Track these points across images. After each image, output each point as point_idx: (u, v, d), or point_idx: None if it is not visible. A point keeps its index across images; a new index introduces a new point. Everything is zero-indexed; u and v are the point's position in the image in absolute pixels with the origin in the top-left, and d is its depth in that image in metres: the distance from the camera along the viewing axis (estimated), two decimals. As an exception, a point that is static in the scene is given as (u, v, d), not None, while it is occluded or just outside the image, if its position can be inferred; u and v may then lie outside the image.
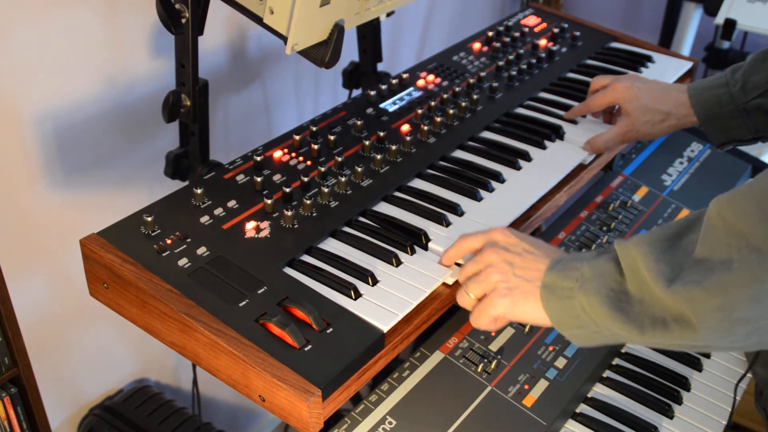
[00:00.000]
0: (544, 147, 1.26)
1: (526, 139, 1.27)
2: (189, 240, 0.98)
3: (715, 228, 0.75)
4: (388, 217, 1.07)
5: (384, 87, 1.37)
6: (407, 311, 0.93)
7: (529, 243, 0.93)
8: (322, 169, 1.12)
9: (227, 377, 0.88)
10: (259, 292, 0.92)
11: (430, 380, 1.04)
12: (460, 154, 1.24)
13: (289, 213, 1.02)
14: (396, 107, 1.32)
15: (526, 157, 1.23)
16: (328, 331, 0.88)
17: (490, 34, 1.59)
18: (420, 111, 1.28)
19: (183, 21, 1.13)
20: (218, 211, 1.04)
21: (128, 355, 1.72)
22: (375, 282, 0.96)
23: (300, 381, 0.81)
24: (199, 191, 1.05)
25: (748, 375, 1.17)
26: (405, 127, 1.26)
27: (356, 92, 1.67)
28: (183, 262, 0.95)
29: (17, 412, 1.13)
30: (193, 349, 0.90)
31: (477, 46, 1.55)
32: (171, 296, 0.90)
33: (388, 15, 1.45)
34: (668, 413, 1.11)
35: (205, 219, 1.02)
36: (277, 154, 1.17)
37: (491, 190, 1.15)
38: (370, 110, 1.31)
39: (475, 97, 1.34)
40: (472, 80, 1.40)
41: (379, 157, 1.16)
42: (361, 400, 1.01)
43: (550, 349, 1.13)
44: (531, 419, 1.03)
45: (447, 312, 1.01)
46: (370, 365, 0.89)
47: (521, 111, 1.37)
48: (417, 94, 1.37)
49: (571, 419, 1.08)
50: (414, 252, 1.01)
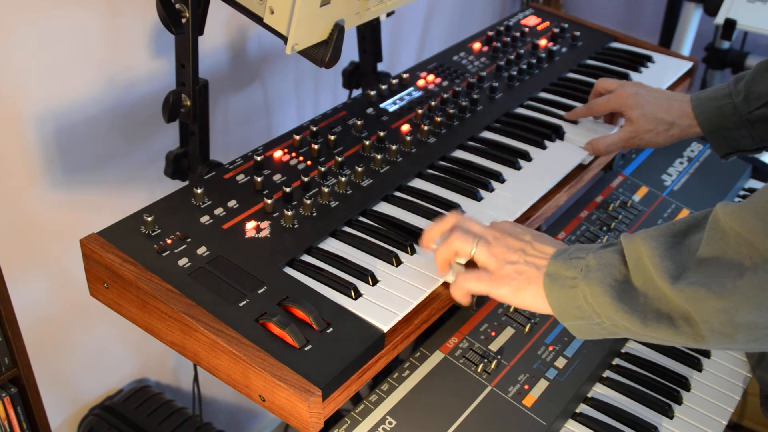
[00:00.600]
0: (544, 147, 1.26)
1: (526, 139, 1.27)
2: (189, 240, 0.98)
3: (725, 232, 0.75)
4: (388, 217, 1.07)
5: (384, 87, 1.37)
6: (407, 311, 0.93)
7: (534, 234, 0.94)
8: (322, 169, 1.12)
9: (227, 377, 0.88)
10: (259, 292, 0.92)
11: (430, 380, 1.04)
12: (460, 154, 1.24)
13: (289, 213, 1.02)
14: (396, 107, 1.32)
15: (527, 157, 1.23)
16: (328, 331, 0.88)
17: (490, 34, 1.59)
18: (420, 111, 1.28)
19: (183, 21, 1.13)
20: (218, 211, 1.04)
21: (128, 355, 1.72)
22: (375, 282, 0.96)
23: (300, 381, 0.82)
24: (199, 191, 1.05)
25: (749, 375, 1.17)
26: (405, 127, 1.26)
27: (356, 92, 1.67)
28: (183, 262, 0.95)
29: (17, 412, 1.13)
30: (194, 349, 0.90)
31: (477, 46, 1.55)
32: (171, 296, 0.90)
33: (388, 15, 1.45)
34: (668, 413, 1.11)
35: (205, 219, 1.02)
36: (278, 154, 1.17)
37: (491, 190, 1.15)
38: (370, 110, 1.31)
39: (475, 97, 1.34)
40: (472, 80, 1.40)
41: (379, 157, 1.16)
42: (361, 400, 1.01)
43: (550, 349, 1.13)
44: (531, 419, 1.03)
45: (447, 312, 1.01)
46: (370, 365, 0.89)
47: (521, 111, 1.37)
48: (417, 94, 1.37)
49: (571, 419, 1.08)
50: (414, 252, 1.01)
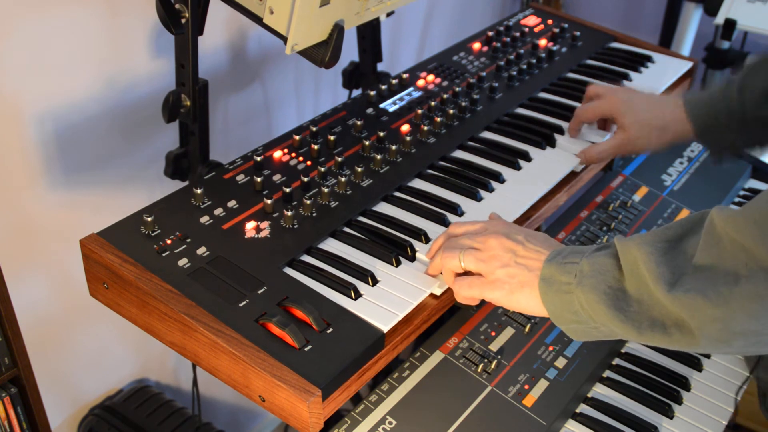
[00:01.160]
0: (544, 147, 1.26)
1: (526, 139, 1.27)
2: (189, 240, 0.98)
3: (721, 239, 0.74)
4: (388, 217, 1.07)
5: (384, 87, 1.37)
6: (407, 311, 0.93)
7: (527, 233, 0.94)
8: (322, 169, 1.12)
9: (227, 377, 0.88)
10: (259, 292, 0.92)
11: (430, 380, 1.04)
12: (460, 154, 1.24)
13: (289, 213, 1.02)
14: (396, 107, 1.32)
15: (526, 157, 1.23)
16: (328, 331, 0.88)
17: (490, 34, 1.59)
18: (420, 111, 1.28)
19: (183, 21, 1.13)
20: (218, 211, 1.04)
21: (128, 355, 1.72)
22: (375, 282, 0.96)
23: (300, 381, 0.81)
24: (199, 191, 1.05)
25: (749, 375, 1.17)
26: (405, 127, 1.26)
27: (356, 92, 1.67)
28: (183, 262, 0.95)
29: (17, 412, 1.13)
30: (193, 349, 0.90)
31: (477, 46, 1.55)
32: (171, 296, 0.90)
33: (388, 15, 1.45)
34: (668, 413, 1.11)
35: (205, 219, 1.02)
36: (277, 154, 1.17)
37: (491, 190, 1.15)
38: (370, 110, 1.31)
39: (475, 97, 1.34)
40: (472, 80, 1.40)
41: (379, 157, 1.16)
42: (361, 400, 1.01)
43: (550, 349, 1.13)
44: (531, 419, 1.03)
45: (447, 312, 1.01)
46: (370, 365, 0.89)
47: (521, 111, 1.37)
48: (417, 94, 1.37)
49: (571, 419, 1.08)
50: (414, 252, 1.01)
